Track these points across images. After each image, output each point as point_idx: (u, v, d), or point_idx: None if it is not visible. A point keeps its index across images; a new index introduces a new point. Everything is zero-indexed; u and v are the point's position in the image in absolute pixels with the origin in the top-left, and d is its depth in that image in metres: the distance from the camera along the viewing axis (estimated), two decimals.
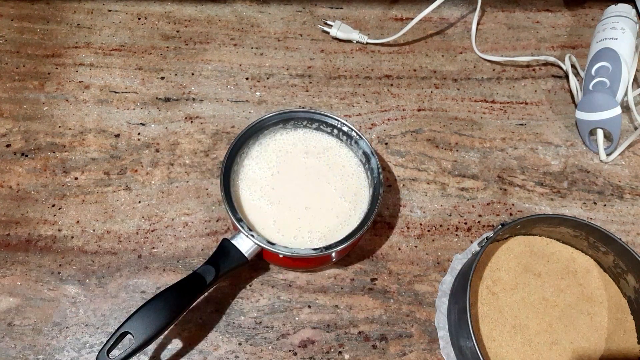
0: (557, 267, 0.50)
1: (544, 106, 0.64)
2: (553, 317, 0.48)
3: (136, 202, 0.54)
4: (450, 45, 0.68)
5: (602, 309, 0.49)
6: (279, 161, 0.51)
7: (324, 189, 0.50)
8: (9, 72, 0.61)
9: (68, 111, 0.59)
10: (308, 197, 0.50)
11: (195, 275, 0.44)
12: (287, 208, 0.49)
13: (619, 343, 0.47)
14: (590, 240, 0.49)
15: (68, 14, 0.67)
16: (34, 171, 0.55)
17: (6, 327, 0.47)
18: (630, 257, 0.46)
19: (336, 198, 0.50)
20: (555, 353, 0.46)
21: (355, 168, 0.52)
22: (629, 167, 0.60)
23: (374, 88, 0.64)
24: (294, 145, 0.52)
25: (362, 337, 0.48)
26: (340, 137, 0.52)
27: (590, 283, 0.50)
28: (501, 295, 0.48)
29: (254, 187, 0.49)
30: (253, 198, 0.49)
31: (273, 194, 0.49)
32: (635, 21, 0.63)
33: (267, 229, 0.48)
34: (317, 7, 0.70)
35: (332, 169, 0.51)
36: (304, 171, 0.51)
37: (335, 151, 0.52)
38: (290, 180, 0.50)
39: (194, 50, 0.65)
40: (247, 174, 0.50)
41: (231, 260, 0.45)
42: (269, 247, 0.44)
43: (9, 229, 0.52)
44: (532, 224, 0.50)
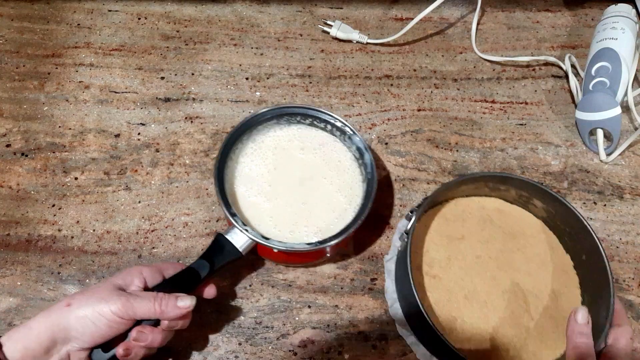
0: (473, 222, 0.52)
1: (544, 106, 0.64)
2: (492, 269, 0.49)
3: (136, 202, 0.54)
4: (450, 45, 0.68)
5: (528, 239, 0.51)
6: (275, 157, 0.51)
7: (319, 184, 0.50)
8: (9, 72, 0.61)
9: (68, 111, 0.59)
10: (305, 192, 0.50)
11: (189, 270, 0.44)
12: (284, 204, 0.49)
13: (556, 260, 0.50)
14: (489, 185, 0.52)
15: (68, 14, 0.67)
16: (34, 171, 0.55)
17: (6, 327, 0.47)
18: (527, 184, 0.50)
19: (333, 193, 0.50)
20: (511, 299, 0.48)
21: (350, 163, 0.52)
22: (629, 167, 0.60)
23: (374, 88, 0.64)
24: (290, 141, 0.52)
25: (362, 337, 0.48)
26: (334, 132, 0.52)
27: (506, 221, 0.52)
28: (441, 275, 0.48)
29: (250, 184, 0.50)
30: (249, 195, 0.49)
31: (270, 190, 0.50)
32: (635, 21, 0.63)
33: (263, 225, 0.48)
34: (317, 7, 0.70)
35: (328, 164, 0.51)
36: (301, 167, 0.51)
37: (331, 146, 0.53)
38: (287, 176, 0.51)
39: (194, 50, 0.65)
40: (242, 171, 0.50)
41: (225, 255, 0.45)
42: (263, 242, 0.44)
43: (9, 229, 0.52)
44: (436, 198, 0.51)
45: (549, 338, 0.46)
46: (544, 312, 0.47)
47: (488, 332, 0.46)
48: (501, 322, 0.46)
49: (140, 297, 0.39)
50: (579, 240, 0.48)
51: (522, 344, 0.45)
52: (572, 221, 0.48)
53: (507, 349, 0.45)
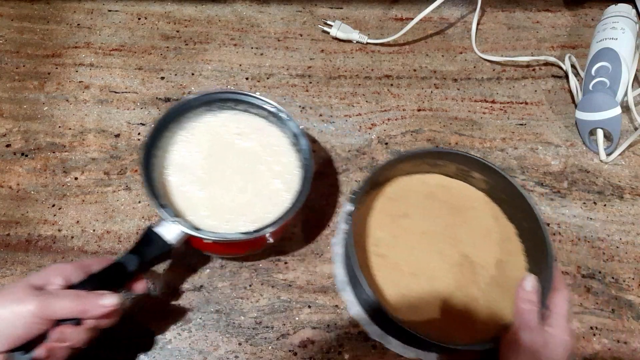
0: (417, 199, 0.52)
1: (544, 106, 0.64)
2: (438, 244, 0.50)
3: (136, 202, 0.54)
4: (450, 45, 0.68)
5: (472, 211, 0.52)
6: (209, 144, 0.49)
7: (256, 171, 0.48)
8: (9, 72, 0.61)
9: (68, 111, 0.59)
10: (241, 179, 0.48)
11: (116, 265, 0.42)
12: (219, 192, 0.47)
13: (500, 229, 0.51)
14: (428, 162, 0.53)
15: (68, 14, 0.67)
16: (34, 171, 0.55)
17: None
18: (463, 157, 0.51)
19: (270, 179, 0.48)
20: (458, 271, 0.49)
21: (287, 148, 0.50)
22: (629, 167, 0.60)
23: (374, 88, 0.64)
24: (224, 127, 0.50)
25: (362, 337, 0.48)
26: (269, 118, 0.50)
27: (449, 196, 0.53)
28: (388, 254, 0.49)
29: (183, 172, 0.47)
30: (182, 184, 0.47)
31: (204, 178, 0.47)
32: (635, 21, 0.63)
33: (198, 216, 0.45)
34: (317, 7, 0.70)
35: (264, 150, 0.49)
36: (235, 153, 0.49)
37: (267, 132, 0.50)
38: (222, 163, 0.48)
39: (194, 50, 0.65)
40: (174, 160, 0.48)
41: (154, 248, 0.43)
42: (193, 232, 0.42)
43: (9, 229, 0.52)
44: (377, 178, 0.51)
45: (497, 306, 0.47)
46: (491, 281, 0.48)
47: (438, 305, 0.47)
48: (450, 295, 0.47)
49: (60, 295, 0.37)
50: (519, 209, 0.50)
51: (472, 314, 0.47)
52: (510, 190, 0.50)
53: (458, 320, 0.46)
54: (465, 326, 0.46)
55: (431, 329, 0.45)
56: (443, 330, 0.46)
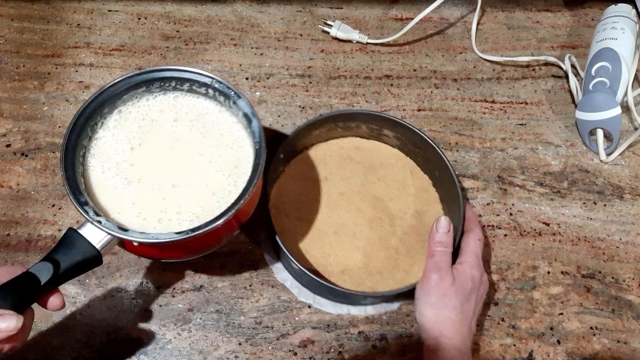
0: (334, 163, 0.55)
1: (544, 106, 0.64)
2: (357, 202, 0.52)
3: None
4: (450, 45, 0.68)
5: (387, 168, 0.55)
6: (141, 131, 0.44)
7: (196, 163, 0.43)
8: (9, 72, 0.61)
9: (68, 111, 0.59)
10: (176, 172, 0.42)
11: (26, 276, 0.35)
12: (150, 187, 0.41)
13: (416, 182, 0.54)
14: (339, 125, 0.54)
15: (68, 14, 0.67)
16: (34, 171, 0.55)
17: None
18: (371, 116, 0.53)
19: (211, 172, 0.43)
20: (378, 226, 0.52)
21: (236, 135, 0.44)
22: (629, 167, 0.60)
23: (374, 88, 0.64)
24: (161, 112, 0.45)
25: (362, 337, 0.48)
26: (217, 98, 0.45)
27: (365, 156, 0.55)
28: (310, 217, 0.51)
29: (108, 163, 0.42)
30: (107, 177, 0.41)
31: (132, 171, 0.42)
32: (635, 21, 0.63)
33: (124, 214, 0.40)
34: (317, 7, 0.70)
35: (207, 138, 0.44)
36: (172, 142, 0.44)
37: (212, 117, 0.45)
38: (153, 153, 0.43)
39: (194, 50, 0.65)
40: (100, 149, 0.42)
41: (74, 254, 0.36)
42: (119, 234, 0.36)
43: (9, 229, 0.52)
44: (295, 147, 0.53)
45: (417, 253, 0.51)
46: (411, 231, 0.52)
47: (361, 260, 0.50)
48: (372, 249, 0.50)
49: None
50: (430, 159, 0.53)
51: (394, 265, 0.50)
52: (419, 142, 0.52)
53: (381, 272, 0.49)
54: (390, 276, 0.49)
55: (357, 284, 0.48)
56: (369, 283, 0.49)
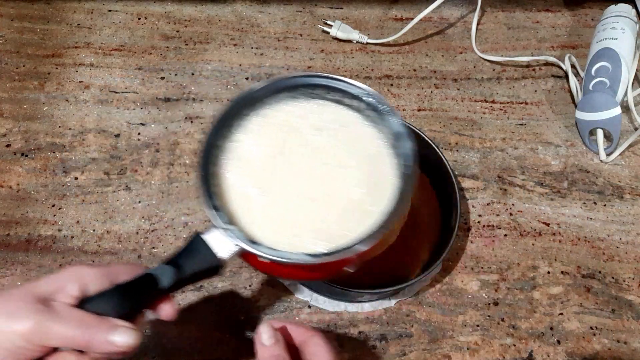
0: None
1: (544, 106, 0.64)
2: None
3: (136, 202, 0.54)
4: (450, 45, 0.68)
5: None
6: (282, 138, 0.41)
7: (335, 177, 0.39)
8: (9, 72, 0.61)
9: (68, 111, 0.59)
10: (314, 185, 0.39)
11: (146, 277, 0.33)
12: (286, 198, 0.38)
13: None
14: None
15: (68, 14, 0.67)
16: (34, 171, 0.55)
17: None
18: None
19: (351, 188, 0.39)
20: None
21: (380, 151, 0.40)
22: (629, 167, 0.60)
23: (374, 88, 0.63)
24: (303, 119, 0.41)
25: (362, 337, 0.48)
26: (365, 111, 0.41)
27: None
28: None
29: (245, 169, 0.39)
30: (242, 183, 0.38)
31: (269, 179, 0.39)
32: (635, 21, 0.63)
33: (256, 224, 0.37)
34: (317, 7, 0.70)
35: (348, 153, 0.40)
36: (312, 152, 0.40)
37: (356, 130, 0.41)
38: (292, 162, 0.40)
39: (194, 50, 0.65)
40: (238, 152, 0.39)
41: (198, 261, 0.34)
42: (248, 247, 0.34)
43: (9, 229, 0.52)
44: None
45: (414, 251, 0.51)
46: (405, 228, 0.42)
47: None
48: None
49: (62, 317, 0.29)
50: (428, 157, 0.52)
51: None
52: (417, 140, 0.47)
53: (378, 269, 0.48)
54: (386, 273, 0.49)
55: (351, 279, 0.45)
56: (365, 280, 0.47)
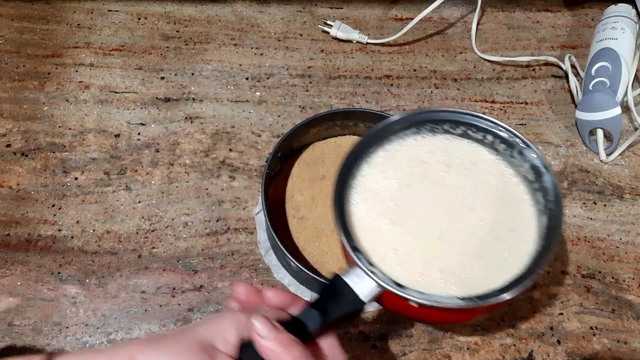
0: (332, 161, 0.55)
1: (544, 106, 0.64)
2: None
3: (136, 202, 0.54)
4: (450, 45, 0.68)
5: None
6: (411, 172, 0.40)
7: (465, 218, 0.38)
8: (9, 72, 0.61)
9: (68, 111, 0.59)
10: (442, 224, 0.38)
11: (294, 323, 0.32)
12: (413, 235, 0.37)
13: None
14: (337, 123, 0.55)
15: (68, 14, 0.67)
16: (34, 171, 0.55)
17: (6, 327, 0.47)
18: (368, 114, 0.53)
19: (482, 233, 0.37)
20: None
21: (514, 190, 0.39)
22: (629, 167, 0.60)
23: (374, 88, 0.64)
24: (432, 154, 0.41)
25: (362, 337, 0.48)
26: (496, 145, 0.40)
27: None
28: (308, 216, 0.52)
29: (373, 200, 0.39)
30: (370, 214, 0.38)
31: (396, 211, 0.38)
32: (635, 21, 0.63)
33: (386, 260, 0.36)
34: (317, 7, 0.70)
35: (479, 191, 0.39)
36: (440, 189, 0.39)
37: (486, 166, 0.40)
38: (421, 198, 0.39)
39: (194, 50, 0.65)
40: (366, 185, 0.39)
41: (343, 305, 0.33)
42: (397, 291, 0.32)
43: (9, 229, 0.52)
44: (292, 145, 0.54)
45: None
46: None
47: None
48: None
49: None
50: None
51: None
52: None
53: None
54: None
55: None
56: None
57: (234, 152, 0.57)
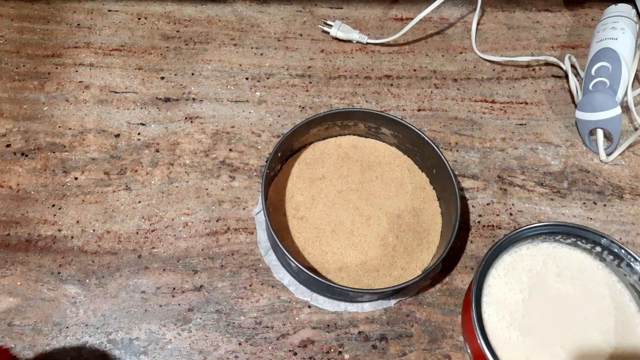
0: (332, 161, 0.55)
1: (544, 106, 0.64)
2: (355, 200, 0.53)
3: (136, 202, 0.54)
4: (450, 45, 0.68)
5: (384, 167, 0.55)
6: (530, 283, 0.43)
7: (580, 326, 0.41)
8: (9, 72, 0.61)
9: (68, 111, 0.59)
10: (562, 333, 0.41)
11: None
12: (540, 344, 0.40)
13: (413, 180, 0.55)
14: (337, 123, 0.55)
15: (68, 14, 0.67)
16: (34, 171, 0.55)
17: (6, 327, 0.47)
18: (369, 114, 0.53)
19: (597, 340, 0.40)
20: (375, 225, 0.52)
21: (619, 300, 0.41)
22: (629, 167, 0.60)
23: (374, 88, 0.64)
24: (544, 264, 0.44)
25: (362, 337, 0.48)
26: (604, 256, 0.43)
27: (362, 154, 0.56)
28: (308, 216, 0.52)
29: (502, 312, 0.42)
30: (502, 326, 0.41)
31: (523, 322, 0.41)
32: (635, 21, 0.63)
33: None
34: (317, 7, 0.70)
35: (589, 299, 0.42)
36: (555, 299, 0.42)
37: (591, 275, 0.43)
38: (541, 308, 0.42)
39: (194, 50, 0.65)
40: (494, 296, 0.42)
41: None
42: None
43: (9, 229, 0.52)
44: (292, 145, 0.53)
45: (414, 251, 0.51)
46: (408, 229, 0.52)
47: (358, 258, 0.50)
48: (369, 246, 0.51)
49: None
50: (427, 157, 0.53)
51: (391, 262, 0.50)
52: (417, 140, 0.52)
53: (378, 269, 0.50)
54: (387, 273, 0.50)
55: (354, 281, 0.49)
56: (367, 280, 0.49)
57: (234, 152, 0.57)
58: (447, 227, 0.50)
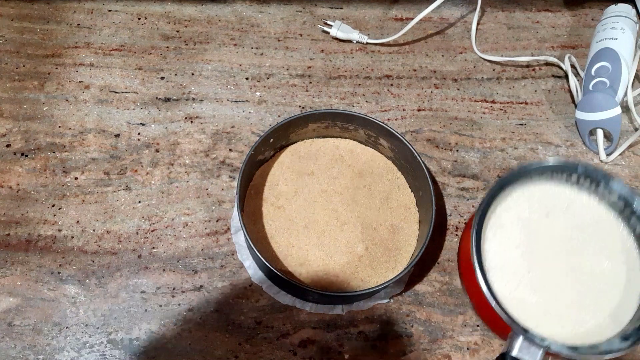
0: (325, 160, 0.55)
1: (544, 106, 0.64)
2: (335, 203, 0.53)
3: (136, 202, 0.54)
4: (450, 45, 0.68)
5: (375, 178, 0.55)
6: (521, 234, 0.42)
7: (586, 259, 0.41)
8: (9, 72, 0.61)
9: (68, 111, 0.59)
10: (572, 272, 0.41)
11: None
12: (554, 296, 0.40)
13: (400, 197, 0.54)
14: (338, 124, 0.55)
15: (68, 14, 0.67)
16: (34, 171, 0.55)
17: (6, 327, 0.47)
18: (370, 122, 0.52)
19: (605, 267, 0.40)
20: (347, 231, 0.51)
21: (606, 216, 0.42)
22: (629, 167, 0.60)
23: (374, 88, 0.64)
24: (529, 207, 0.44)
25: (362, 337, 0.49)
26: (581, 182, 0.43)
27: (357, 161, 0.55)
28: (286, 206, 0.52)
29: (506, 276, 0.41)
30: (510, 290, 0.40)
31: (531, 278, 0.41)
32: (635, 21, 0.63)
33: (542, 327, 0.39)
34: (317, 7, 0.70)
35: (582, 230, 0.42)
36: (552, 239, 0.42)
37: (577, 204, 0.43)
38: (541, 256, 0.41)
39: (194, 50, 0.65)
40: (493, 262, 0.41)
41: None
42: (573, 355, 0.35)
43: (9, 229, 0.52)
44: (285, 131, 0.53)
45: (379, 267, 0.50)
46: (380, 244, 0.51)
47: (321, 258, 0.50)
48: (336, 251, 0.50)
49: None
50: (418, 178, 0.52)
51: (353, 271, 0.50)
52: (411, 159, 0.52)
53: (338, 275, 0.49)
54: (346, 281, 0.49)
55: (312, 280, 0.49)
56: (323, 282, 0.49)
57: (234, 152, 0.57)
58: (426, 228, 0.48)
